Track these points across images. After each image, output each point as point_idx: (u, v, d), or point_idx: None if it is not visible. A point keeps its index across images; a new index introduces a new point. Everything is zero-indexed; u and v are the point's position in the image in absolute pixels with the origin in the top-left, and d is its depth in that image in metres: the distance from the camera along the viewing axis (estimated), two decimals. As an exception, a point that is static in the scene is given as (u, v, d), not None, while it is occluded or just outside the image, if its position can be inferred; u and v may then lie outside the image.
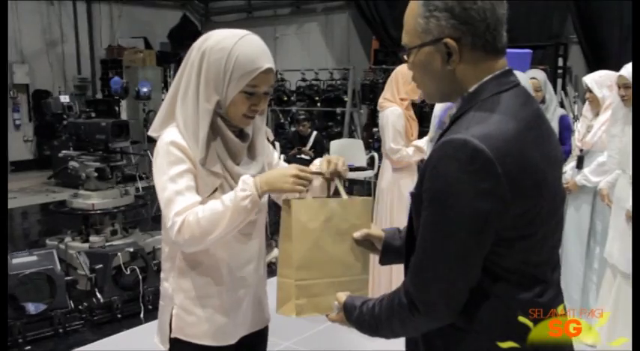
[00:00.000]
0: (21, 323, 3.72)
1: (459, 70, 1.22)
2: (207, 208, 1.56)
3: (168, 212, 1.58)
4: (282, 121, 11.13)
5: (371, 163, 7.78)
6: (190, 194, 1.60)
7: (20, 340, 3.72)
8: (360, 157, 8.10)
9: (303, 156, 7.84)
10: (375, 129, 9.04)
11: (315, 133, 8.08)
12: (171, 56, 11.38)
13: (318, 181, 1.66)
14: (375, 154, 7.72)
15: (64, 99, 5.19)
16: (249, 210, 1.56)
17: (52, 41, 10.95)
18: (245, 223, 1.59)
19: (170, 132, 1.65)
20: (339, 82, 10.65)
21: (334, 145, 8.12)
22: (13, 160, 10.59)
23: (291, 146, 8.01)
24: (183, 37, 11.12)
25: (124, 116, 8.28)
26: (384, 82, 4.26)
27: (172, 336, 1.73)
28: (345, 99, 10.34)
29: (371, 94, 9.77)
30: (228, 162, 1.67)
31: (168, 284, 1.76)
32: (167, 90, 1.71)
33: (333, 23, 10.95)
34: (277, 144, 8.07)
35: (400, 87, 3.71)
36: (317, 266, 1.51)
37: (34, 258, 3.90)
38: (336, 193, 1.62)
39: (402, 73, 3.70)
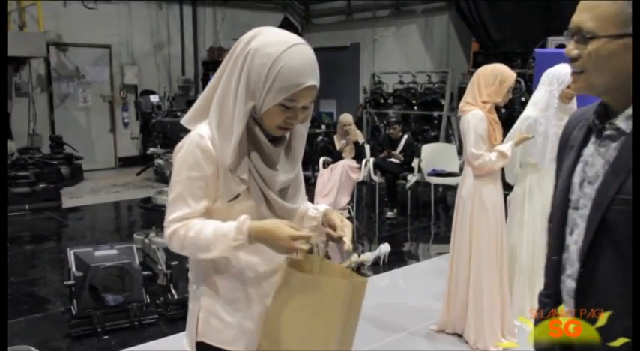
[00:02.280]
0: (100, 313, 3.87)
1: None
2: (198, 229, 1.56)
3: (167, 215, 1.59)
4: (377, 123, 10.98)
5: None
6: (194, 203, 1.57)
7: (99, 329, 3.87)
8: (453, 163, 7.81)
9: (393, 160, 7.68)
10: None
11: (406, 136, 7.89)
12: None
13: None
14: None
15: (154, 98, 5.37)
16: (234, 252, 1.58)
17: (159, 44, 11.43)
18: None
19: (201, 130, 1.58)
20: (436, 85, 10.35)
21: (426, 149, 7.89)
22: (121, 156, 11.23)
23: (381, 149, 7.88)
24: (284, 38, 11.25)
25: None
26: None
27: (198, 340, 1.69)
28: (443, 102, 10.02)
29: (469, 97, 9.40)
30: (261, 166, 1.58)
31: (196, 286, 1.71)
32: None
33: (432, 25, 10.66)
34: (367, 147, 7.96)
35: (482, 89, 3.46)
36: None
37: (114, 251, 4.01)
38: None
39: (483, 74, 3.47)
